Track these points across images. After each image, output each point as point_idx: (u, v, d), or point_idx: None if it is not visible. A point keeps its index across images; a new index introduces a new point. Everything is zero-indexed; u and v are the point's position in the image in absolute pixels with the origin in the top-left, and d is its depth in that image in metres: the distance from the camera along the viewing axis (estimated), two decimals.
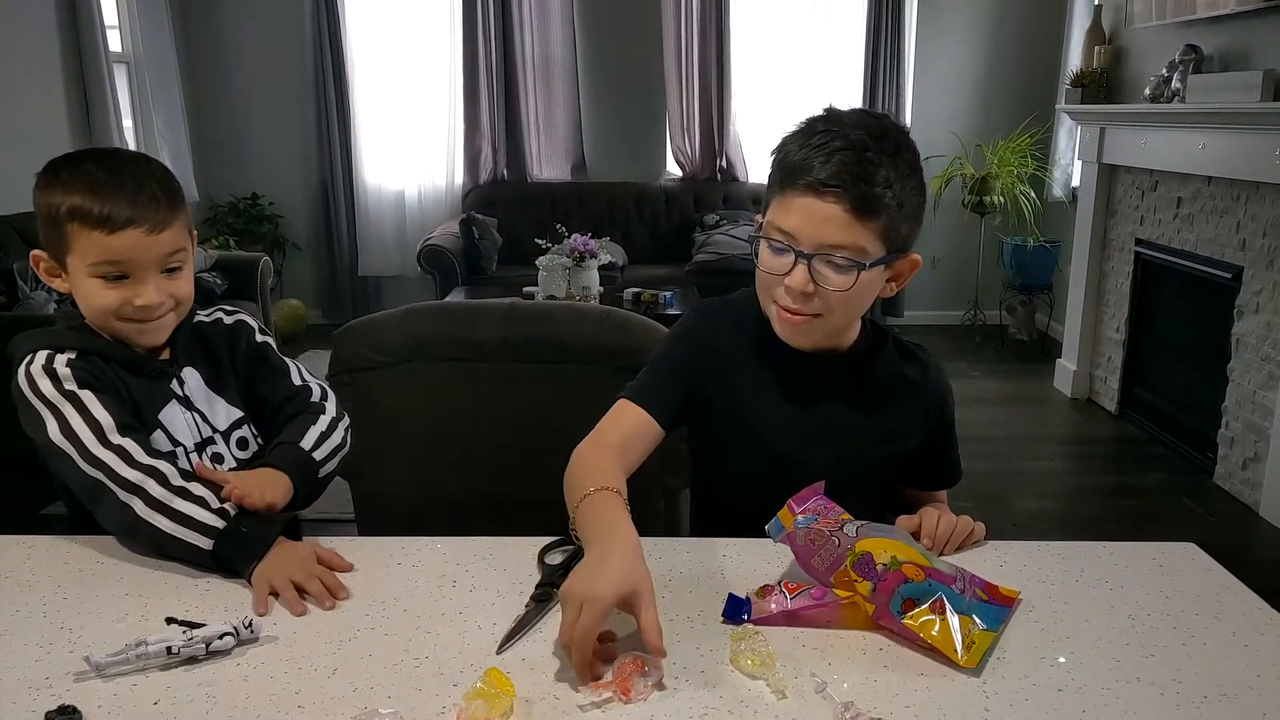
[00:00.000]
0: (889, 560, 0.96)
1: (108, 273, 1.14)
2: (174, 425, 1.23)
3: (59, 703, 0.82)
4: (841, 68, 5.64)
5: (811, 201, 1.07)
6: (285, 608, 1.00)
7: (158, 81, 5.30)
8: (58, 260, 1.18)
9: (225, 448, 1.28)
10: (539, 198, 5.70)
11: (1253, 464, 3.24)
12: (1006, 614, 0.97)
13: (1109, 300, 4.32)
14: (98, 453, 1.11)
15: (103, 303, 1.16)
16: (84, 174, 1.13)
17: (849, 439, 1.24)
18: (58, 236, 1.15)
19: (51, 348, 1.17)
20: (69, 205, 1.12)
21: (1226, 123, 3.26)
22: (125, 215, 1.12)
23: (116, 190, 1.13)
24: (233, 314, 1.37)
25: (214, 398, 1.28)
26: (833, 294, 1.10)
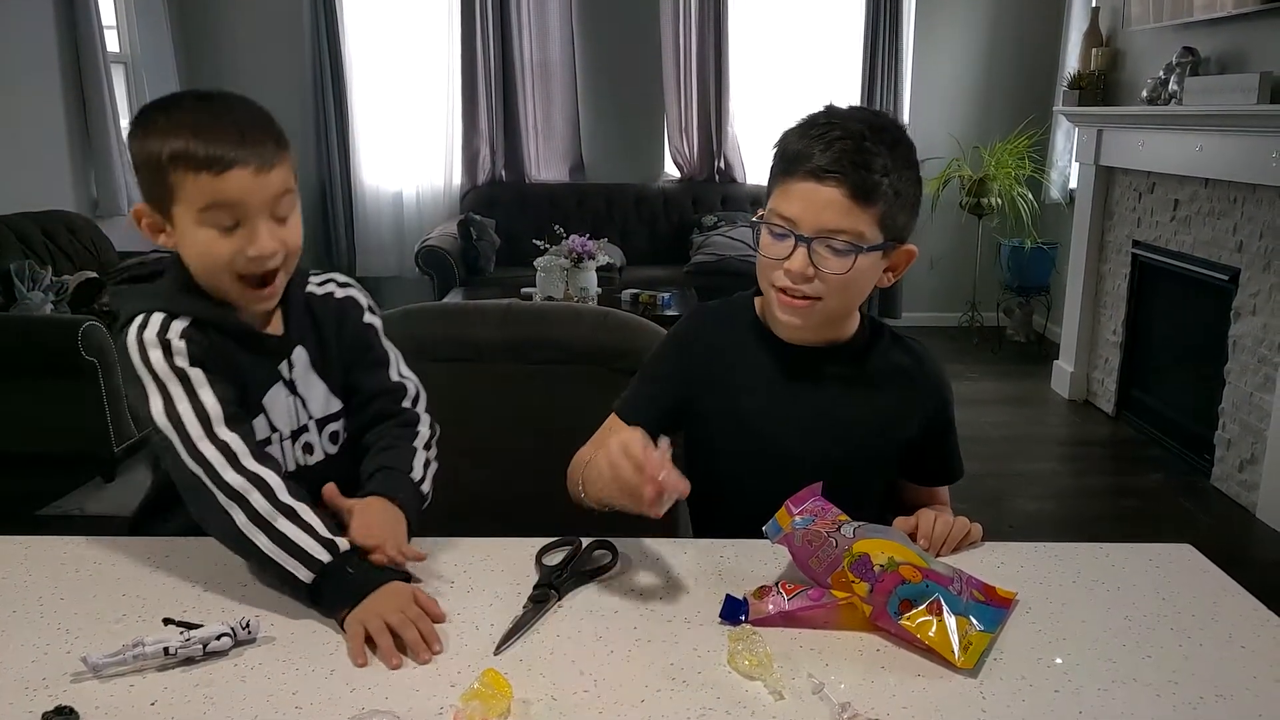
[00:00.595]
0: (886, 561, 0.96)
1: (218, 220, 1.06)
2: (275, 410, 1.17)
3: (56, 703, 0.82)
4: (839, 70, 5.65)
5: (812, 187, 1.11)
6: (381, 660, 0.91)
7: (155, 81, 5.29)
8: (162, 213, 1.10)
9: (317, 438, 1.22)
10: (537, 199, 5.69)
11: (1249, 466, 3.25)
12: (1004, 615, 0.98)
13: (1106, 302, 4.32)
14: (202, 447, 1.04)
15: (215, 255, 1.07)
16: (184, 116, 1.07)
17: (846, 429, 1.25)
18: (161, 186, 1.07)
19: (167, 311, 1.10)
20: (171, 150, 1.04)
21: (1223, 125, 3.27)
22: (232, 154, 1.04)
23: (220, 129, 1.05)
24: (344, 286, 1.28)
25: (316, 382, 1.22)
26: (831, 277, 1.13)
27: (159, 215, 1.10)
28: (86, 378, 3.28)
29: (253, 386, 1.14)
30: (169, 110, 1.08)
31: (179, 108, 1.08)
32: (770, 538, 1.03)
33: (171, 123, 1.06)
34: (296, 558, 1.00)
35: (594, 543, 1.12)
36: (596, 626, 0.97)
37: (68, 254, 4.09)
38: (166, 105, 1.09)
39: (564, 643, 0.94)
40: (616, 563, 1.09)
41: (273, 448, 1.16)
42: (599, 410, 1.31)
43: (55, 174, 4.57)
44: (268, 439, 1.16)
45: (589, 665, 0.90)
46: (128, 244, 4.62)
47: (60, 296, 3.66)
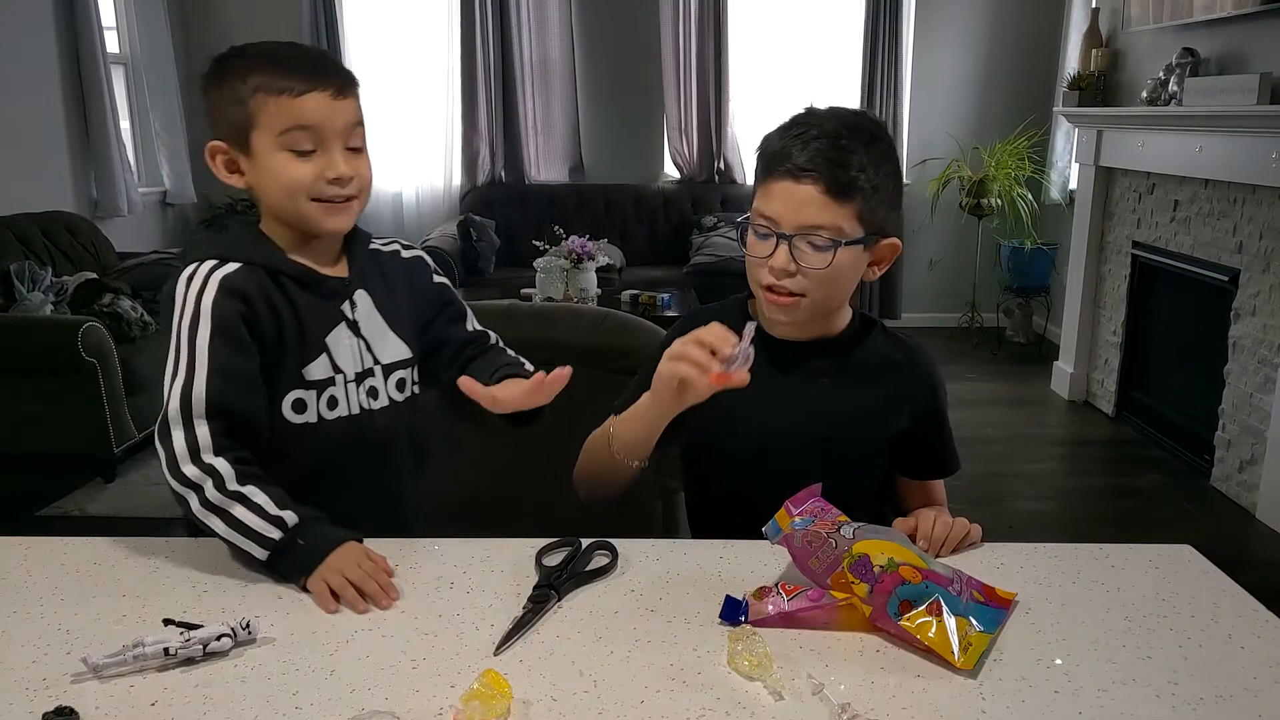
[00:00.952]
0: (886, 562, 0.96)
1: (298, 143, 1.12)
2: (339, 350, 1.20)
3: (56, 704, 0.82)
4: (839, 70, 5.65)
5: (790, 186, 1.15)
6: (349, 608, 1.00)
7: (155, 82, 5.29)
8: (241, 145, 1.15)
9: (383, 383, 1.25)
10: (537, 199, 5.70)
11: (1249, 466, 3.25)
12: (1003, 616, 0.98)
13: (1106, 303, 4.32)
14: (174, 432, 1.11)
15: (294, 177, 1.13)
16: (260, 51, 1.14)
17: (835, 420, 1.26)
18: (241, 115, 1.13)
19: (219, 258, 1.15)
20: (254, 80, 1.11)
21: (1223, 126, 3.27)
22: (308, 79, 1.12)
23: (298, 59, 1.14)
24: (409, 248, 1.35)
25: (384, 329, 1.25)
26: (812, 272, 1.16)
27: (237, 149, 1.15)
28: (86, 378, 3.28)
29: (313, 326, 1.18)
30: (244, 51, 1.15)
31: (254, 47, 1.16)
32: (770, 539, 1.03)
33: (248, 58, 1.14)
34: (250, 538, 1.06)
35: (594, 543, 1.12)
36: (596, 627, 0.97)
37: (67, 255, 4.10)
38: (240, 49, 1.16)
39: (564, 643, 0.94)
40: (616, 563, 1.09)
41: (336, 389, 1.20)
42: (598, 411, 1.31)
43: (55, 175, 4.57)
44: (330, 379, 1.19)
45: (589, 666, 0.90)
46: (127, 245, 4.62)
47: (60, 297, 3.66)
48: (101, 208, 4.78)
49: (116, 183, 4.78)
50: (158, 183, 5.41)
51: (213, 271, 1.14)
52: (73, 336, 3.24)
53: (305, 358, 1.18)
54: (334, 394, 1.19)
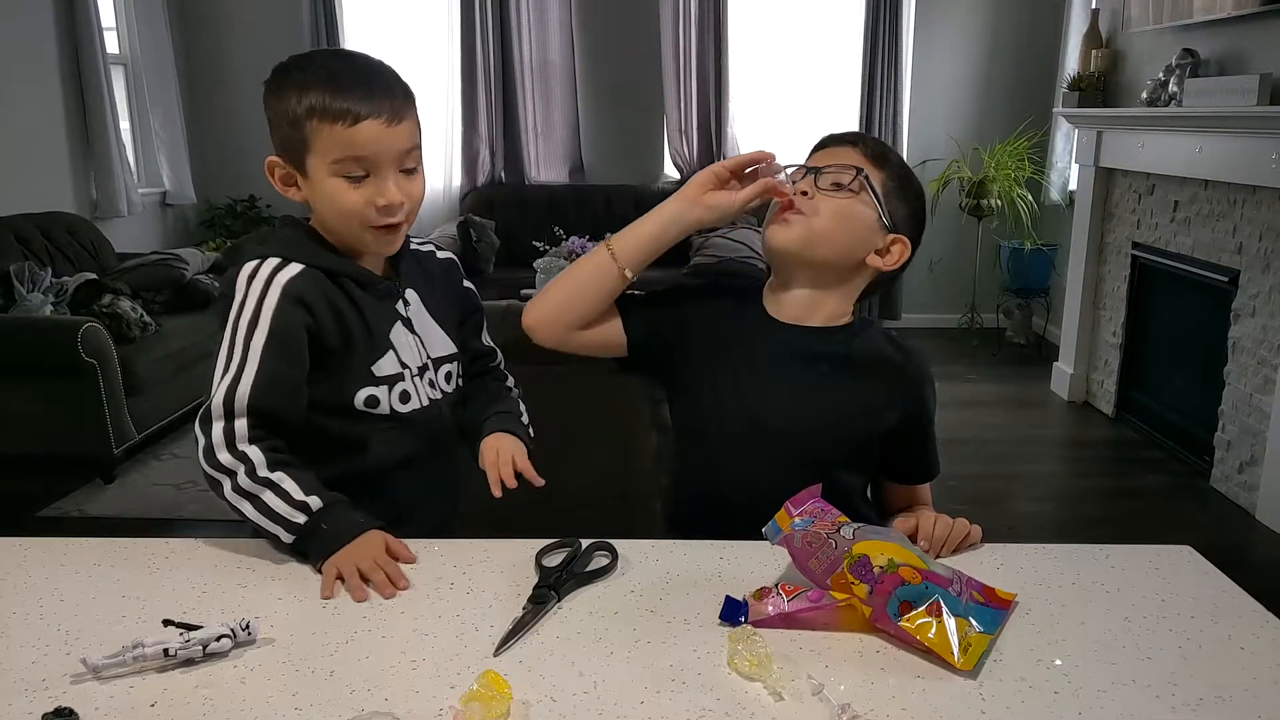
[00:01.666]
0: (886, 563, 0.96)
1: (350, 170, 1.14)
2: (401, 346, 1.24)
3: (55, 705, 0.82)
4: (839, 71, 5.65)
5: (832, 149, 1.27)
6: (350, 594, 1.04)
7: (155, 83, 5.30)
8: (296, 165, 1.17)
9: (435, 375, 1.29)
10: (537, 200, 5.70)
11: (1249, 467, 3.25)
12: (1003, 616, 0.98)
13: (1106, 304, 4.32)
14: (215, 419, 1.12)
15: (347, 204, 1.15)
16: (319, 69, 1.13)
17: (827, 407, 1.27)
18: (296, 138, 1.14)
19: (282, 257, 1.17)
20: (308, 102, 1.11)
21: (1223, 126, 3.27)
22: (365, 107, 1.11)
23: (354, 82, 1.12)
24: (442, 250, 1.39)
25: (432, 324, 1.29)
26: (831, 197, 1.22)
27: (292, 167, 1.17)
28: (86, 379, 3.28)
29: (377, 324, 1.22)
30: (304, 66, 1.15)
31: (312, 63, 1.15)
32: (770, 539, 1.03)
33: (306, 77, 1.13)
34: (276, 523, 1.11)
35: (593, 544, 1.12)
36: (596, 628, 0.97)
37: (67, 255, 4.10)
38: (301, 62, 1.16)
39: (563, 644, 0.94)
40: (616, 564, 1.09)
41: (405, 383, 1.23)
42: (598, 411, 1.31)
43: (55, 175, 4.58)
44: (399, 374, 1.23)
45: (588, 666, 0.90)
46: (126, 245, 4.63)
47: (60, 298, 3.66)
48: (101, 208, 4.78)
49: (116, 183, 4.78)
50: (157, 183, 5.42)
51: (276, 272, 1.16)
52: (72, 337, 3.24)
53: (373, 355, 1.21)
54: (404, 388, 1.23)
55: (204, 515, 3.19)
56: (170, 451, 3.75)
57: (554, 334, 1.27)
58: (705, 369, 1.29)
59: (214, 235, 5.53)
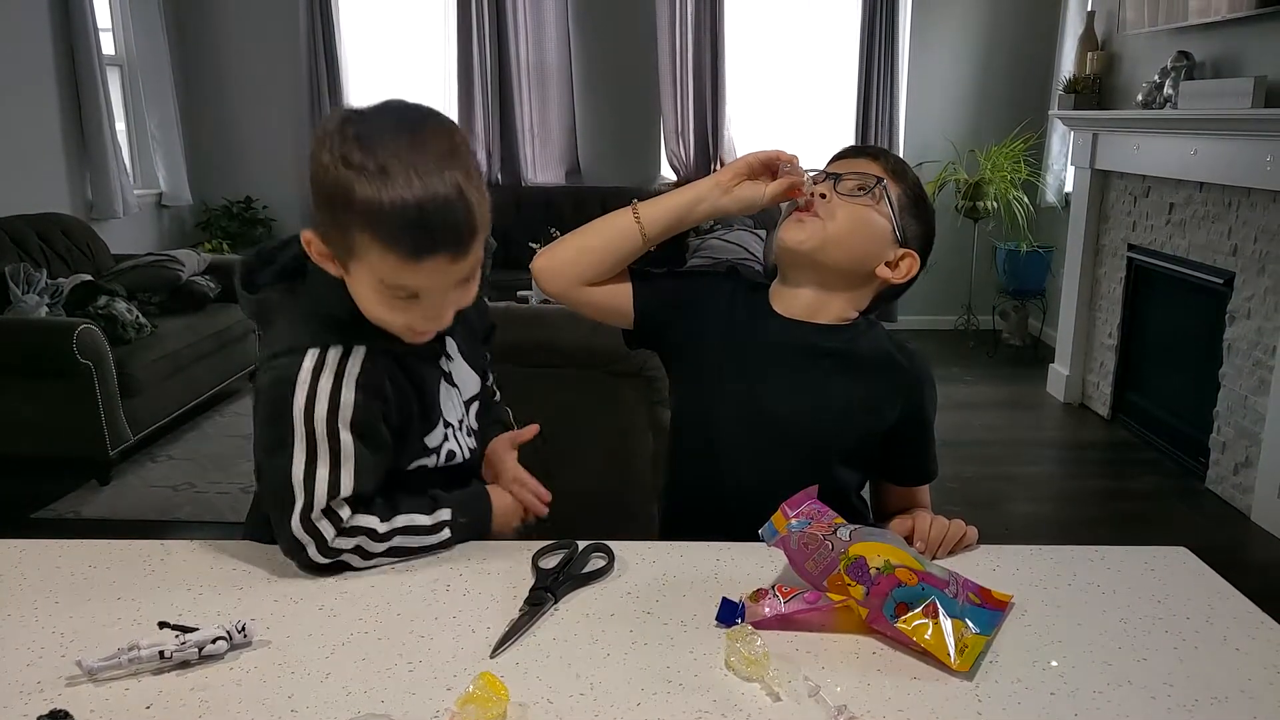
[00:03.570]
0: (882, 564, 0.96)
1: (398, 294, 1.00)
2: (446, 407, 1.18)
3: (50, 707, 0.82)
4: (836, 73, 5.66)
5: (852, 160, 1.28)
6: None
7: (151, 84, 5.29)
8: (339, 257, 1.02)
9: (469, 418, 1.24)
10: (534, 202, 5.69)
11: (1244, 469, 3.25)
12: (999, 618, 0.98)
13: (1102, 305, 4.33)
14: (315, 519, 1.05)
15: (391, 321, 1.03)
16: (389, 169, 0.93)
17: (828, 402, 1.27)
18: (342, 240, 0.99)
19: (343, 344, 1.05)
20: (366, 211, 0.94)
21: (1218, 129, 3.28)
22: (430, 245, 0.96)
23: (433, 205, 0.94)
24: None
25: (464, 367, 1.23)
26: (847, 202, 1.23)
27: (332, 253, 1.02)
28: (81, 380, 3.27)
29: (429, 393, 1.15)
30: (374, 148, 0.94)
31: (384, 148, 0.94)
32: (766, 541, 1.03)
33: (376, 179, 0.93)
34: (430, 549, 1.12)
35: (590, 546, 1.12)
36: (592, 629, 0.97)
37: (63, 257, 4.09)
38: (371, 137, 0.95)
39: (560, 646, 0.94)
40: (613, 566, 1.09)
41: (450, 443, 1.18)
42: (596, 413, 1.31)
43: (50, 177, 4.57)
44: (445, 437, 1.18)
45: (585, 668, 0.90)
46: (122, 246, 4.62)
47: (55, 299, 3.66)
48: (97, 209, 4.77)
49: (112, 184, 4.77)
50: (153, 185, 5.41)
51: (344, 364, 1.05)
52: (68, 338, 3.24)
53: (427, 428, 1.15)
54: (450, 449, 1.18)
55: (200, 517, 3.19)
56: (166, 453, 3.74)
57: (561, 284, 1.27)
58: (710, 350, 1.29)
59: (210, 236, 5.52)
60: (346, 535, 1.07)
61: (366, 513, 1.09)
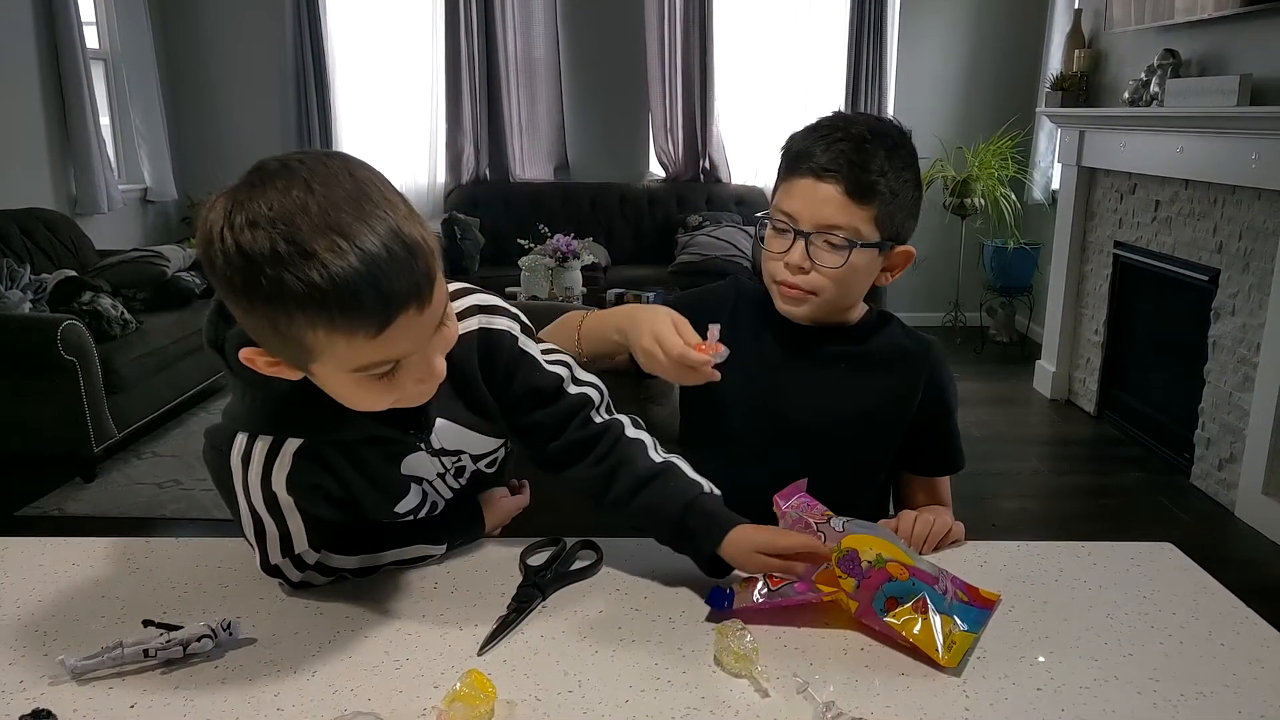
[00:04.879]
0: (874, 558, 0.96)
1: (375, 372, 0.85)
2: (422, 470, 1.06)
3: (33, 707, 0.81)
4: (824, 69, 5.67)
5: (812, 184, 1.17)
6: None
7: (136, 78, 5.25)
8: (293, 364, 0.85)
9: (471, 464, 1.13)
10: (522, 198, 5.69)
11: (1229, 465, 3.28)
12: (986, 616, 0.98)
13: (1088, 302, 4.35)
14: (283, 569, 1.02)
15: (382, 401, 0.88)
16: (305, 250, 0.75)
17: (846, 402, 1.27)
18: (291, 347, 0.82)
19: (277, 434, 0.94)
20: (307, 312, 0.77)
21: (1204, 127, 3.30)
22: (398, 305, 0.79)
23: (368, 259, 0.77)
24: (490, 312, 1.06)
25: (468, 436, 1.08)
26: (827, 270, 1.18)
27: (285, 362, 0.86)
28: (66, 377, 3.25)
29: (387, 486, 1.03)
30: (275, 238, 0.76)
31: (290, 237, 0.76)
32: None
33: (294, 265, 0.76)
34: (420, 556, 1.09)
35: (578, 543, 1.12)
36: (581, 627, 0.97)
37: (46, 252, 4.06)
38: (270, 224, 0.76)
39: (548, 643, 0.94)
40: (601, 563, 1.09)
41: (431, 497, 1.10)
42: None
43: (34, 172, 4.53)
44: (423, 494, 1.09)
45: (573, 666, 0.90)
46: (106, 242, 4.59)
47: (39, 295, 3.63)
48: (81, 205, 4.74)
49: (96, 180, 4.74)
50: (138, 180, 5.38)
51: (271, 459, 0.94)
52: (52, 335, 3.21)
53: (393, 500, 1.06)
54: (432, 501, 1.11)
55: (185, 514, 3.17)
56: (151, 450, 3.72)
57: None
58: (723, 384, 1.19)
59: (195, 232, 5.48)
60: (317, 572, 1.03)
61: (341, 553, 1.04)
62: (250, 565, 1.08)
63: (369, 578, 1.06)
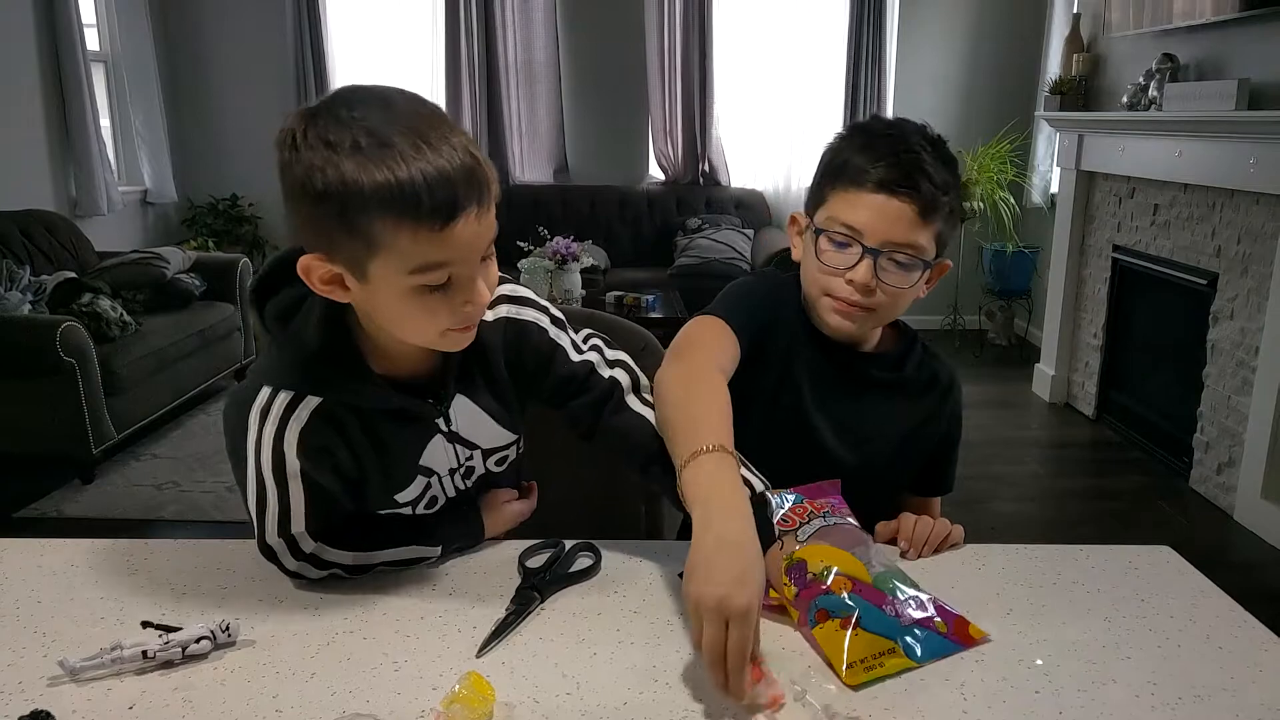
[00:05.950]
0: (820, 570, 0.96)
1: (434, 280, 0.88)
2: (434, 459, 1.08)
3: (32, 708, 0.81)
4: (823, 74, 5.67)
5: (883, 200, 1.11)
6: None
7: (136, 80, 5.25)
8: (351, 268, 0.89)
9: (481, 463, 1.14)
10: (521, 200, 5.69)
11: (1227, 468, 3.28)
12: (955, 650, 0.94)
13: (1087, 306, 4.36)
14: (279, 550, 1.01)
15: (424, 321, 0.92)
16: (383, 144, 0.83)
17: (881, 427, 1.26)
18: (356, 242, 0.86)
19: (295, 388, 0.96)
20: (379, 194, 0.83)
21: (1202, 131, 3.30)
22: (460, 197, 0.85)
23: (439, 158, 0.84)
24: (519, 303, 1.11)
25: (484, 423, 1.10)
26: (891, 290, 1.14)
27: (343, 269, 0.89)
28: (65, 378, 3.25)
29: (404, 459, 1.05)
30: (356, 132, 0.84)
31: (370, 131, 0.84)
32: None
33: (371, 152, 0.83)
34: (416, 558, 1.08)
35: (577, 545, 1.12)
36: (579, 629, 0.97)
37: (46, 254, 4.06)
38: (341, 122, 0.84)
39: (547, 645, 0.94)
40: (599, 565, 1.09)
41: (434, 490, 1.11)
42: None
43: (34, 173, 4.53)
44: (426, 486, 1.09)
45: (572, 667, 0.90)
46: (106, 244, 4.59)
47: (38, 297, 3.63)
48: (81, 206, 4.74)
49: (96, 181, 4.74)
50: (138, 181, 5.38)
51: (288, 415, 0.96)
52: (51, 336, 3.21)
53: (394, 487, 1.07)
54: (433, 494, 1.11)
55: (184, 516, 3.17)
56: (150, 452, 3.72)
57: None
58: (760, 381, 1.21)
59: (195, 234, 5.49)
60: (310, 564, 1.03)
61: (336, 547, 1.04)
62: (249, 567, 1.09)
63: (365, 577, 1.06)
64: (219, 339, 4.23)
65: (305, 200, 0.86)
